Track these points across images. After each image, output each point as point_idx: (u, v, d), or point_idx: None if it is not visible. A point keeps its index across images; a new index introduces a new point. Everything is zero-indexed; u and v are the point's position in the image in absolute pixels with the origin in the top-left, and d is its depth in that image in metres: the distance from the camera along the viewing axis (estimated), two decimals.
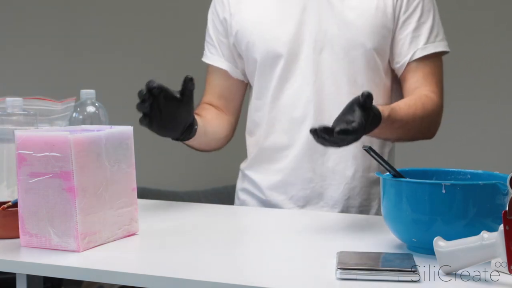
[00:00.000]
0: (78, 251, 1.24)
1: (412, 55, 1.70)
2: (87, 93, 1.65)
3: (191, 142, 1.67)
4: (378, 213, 1.73)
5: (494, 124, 3.29)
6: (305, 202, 1.73)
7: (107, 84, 3.28)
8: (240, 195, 1.85)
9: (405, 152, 1.79)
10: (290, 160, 1.74)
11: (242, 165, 1.86)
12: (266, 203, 1.77)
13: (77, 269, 1.18)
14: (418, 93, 1.68)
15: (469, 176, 1.34)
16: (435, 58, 1.73)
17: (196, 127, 1.64)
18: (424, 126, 1.67)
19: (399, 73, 1.73)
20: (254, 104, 1.80)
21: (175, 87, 1.48)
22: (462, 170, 1.35)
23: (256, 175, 1.80)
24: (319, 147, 1.69)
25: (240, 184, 1.86)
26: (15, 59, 3.44)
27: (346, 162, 1.71)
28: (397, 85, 1.77)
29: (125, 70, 3.54)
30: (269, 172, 1.77)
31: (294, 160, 1.73)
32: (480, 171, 1.33)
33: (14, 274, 1.38)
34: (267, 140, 1.76)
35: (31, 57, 3.46)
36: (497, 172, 1.29)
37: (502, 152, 3.23)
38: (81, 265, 1.19)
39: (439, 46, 1.73)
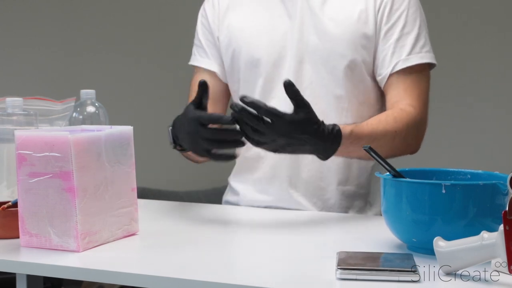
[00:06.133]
0: (78, 251, 1.24)
1: (394, 67, 1.64)
2: (87, 93, 1.65)
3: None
4: None
5: (494, 124, 3.29)
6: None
7: (107, 84, 3.28)
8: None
9: None
10: (267, 170, 1.72)
11: (230, 177, 1.84)
12: None
13: (77, 269, 1.18)
14: (394, 107, 1.63)
15: (469, 176, 1.34)
16: (419, 70, 1.65)
17: None
18: (399, 141, 1.60)
19: (381, 85, 1.68)
20: None
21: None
22: (462, 170, 1.35)
23: (238, 184, 1.79)
24: (294, 156, 1.67)
25: (224, 196, 1.86)
26: (15, 59, 3.44)
27: (320, 174, 1.68)
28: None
29: (125, 70, 3.54)
30: (249, 182, 1.75)
31: (270, 170, 1.71)
32: (480, 171, 1.33)
33: (14, 274, 1.38)
34: (251, 149, 1.70)
35: (31, 57, 3.46)
36: (497, 172, 1.29)
37: (502, 152, 3.23)
38: (81, 265, 1.19)
39: (424, 57, 1.65)
